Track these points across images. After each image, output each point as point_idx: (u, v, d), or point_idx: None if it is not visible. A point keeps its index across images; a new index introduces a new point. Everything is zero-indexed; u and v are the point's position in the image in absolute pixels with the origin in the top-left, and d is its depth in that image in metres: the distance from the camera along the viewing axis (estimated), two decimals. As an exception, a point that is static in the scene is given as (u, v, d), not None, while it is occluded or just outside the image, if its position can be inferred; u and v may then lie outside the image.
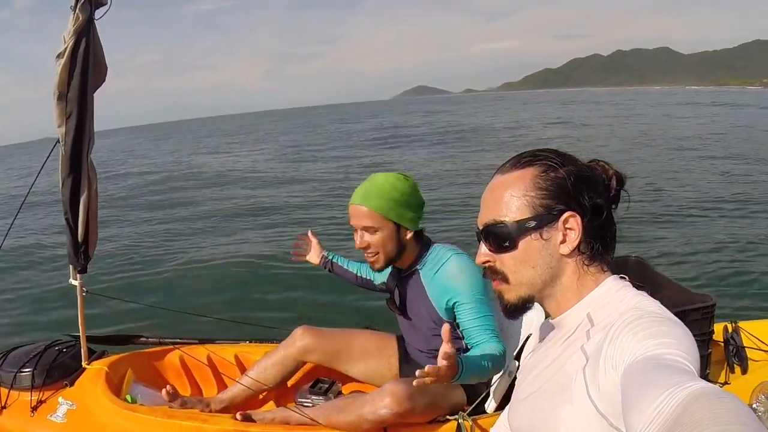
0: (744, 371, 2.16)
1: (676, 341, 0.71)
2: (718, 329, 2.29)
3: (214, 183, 12.98)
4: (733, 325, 2.30)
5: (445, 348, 1.30)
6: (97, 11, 1.90)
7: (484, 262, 0.96)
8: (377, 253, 1.87)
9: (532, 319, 2.03)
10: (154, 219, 9.12)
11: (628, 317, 0.78)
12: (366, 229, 1.85)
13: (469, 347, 1.83)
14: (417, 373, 1.30)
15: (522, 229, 0.89)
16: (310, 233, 2.42)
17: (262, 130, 39.54)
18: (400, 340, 2.21)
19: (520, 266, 0.91)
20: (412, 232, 1.90)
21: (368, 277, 2.31)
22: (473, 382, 1.80)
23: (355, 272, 2.34)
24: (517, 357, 2.04)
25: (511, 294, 0.94)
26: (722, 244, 5.65)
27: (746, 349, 2.20)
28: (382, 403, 1.77)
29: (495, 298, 1.03)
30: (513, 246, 0.90)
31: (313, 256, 2.39)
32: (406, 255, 1.93)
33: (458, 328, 1.90)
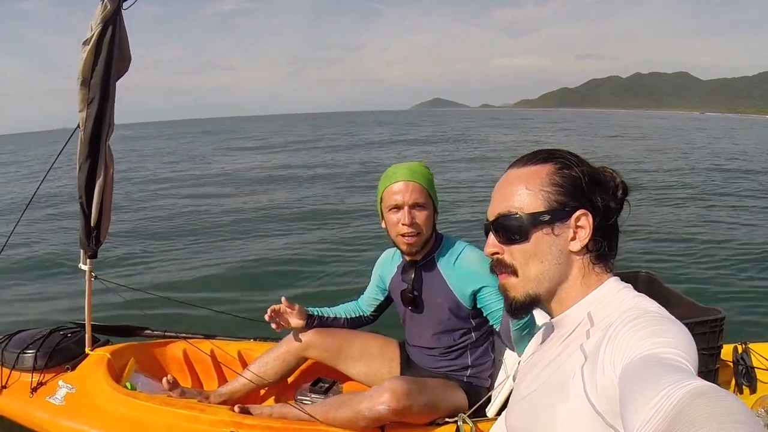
0: (752, 392, 2.11)
1: (674, 340, 0.71)
2: (729, 349, 2.26)
3: (229, 182, 13.12)
4: (744, 345, 2.27)
5: None
6: (125, 2, 1.97)
7: (493, 254, 0.96)
8: (419, 233, 1.88)
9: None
10: (168, 213, 9.19)
11: (627, 316, 0.79)
12: (416, 206, 1.86)
13: (496, 328, 1.91)
14: None
15: (536, 222, 0.90)
16: (284, 301, 2.14)
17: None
18: (402, 346, 2.20)
19: (530, 259, 0.91)
20: (437, 218, 1.96)
21: (357, 315, 2.28)
22: (522, 342, 1.75)
23: (343, 317, 2.26)
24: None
25: (518, 290, 0.94)
26: (734, 261, 5.59)
27: (756, 370, 2.16)
28: (380, 399, 1.75)
29: None
30: (525, 238, 0.91)
31: (297, 322, 2.15)
32: (428, 243, 1.95)
33: (475, 318, 1.97)
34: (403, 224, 1.86)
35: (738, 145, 23.29)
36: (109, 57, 1.98)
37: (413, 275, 2.01)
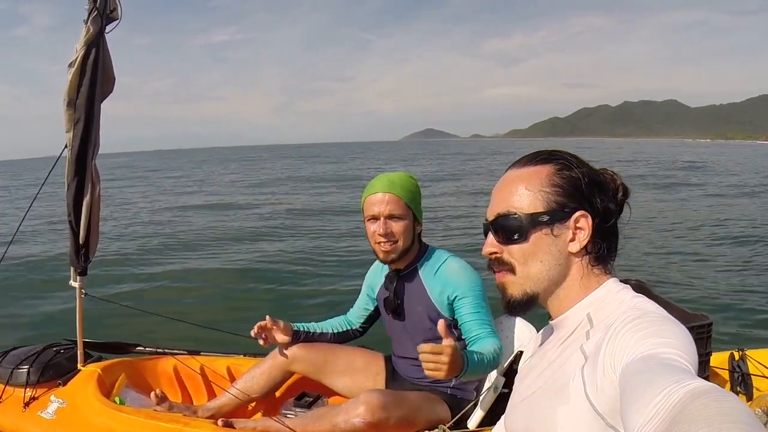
0: (749, 399, 2.04)
1: (674, 341, 0.71)
2: (725, 356, 2.20)
3: (217, 204, 13.79)
4: (741, 352, 2.21)
5: (446, 342, 1.37)
6: (108, 26, 2.03)
7: (491, 253, 0.96)
8: (396, 242, 1.90)
9: (522, 332, 2.00)
10: (159, 232, 9.51)
11: (627, 317, 0.78)
12: (391, 216, 1.89)
13: (466, 343, 1.87)
14: (417, 348, 1.41)
15: (535, 222, 0.90)
16: (269, 319, 2.12)
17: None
18: (388, 360, 2.20)
19: (529, 259, 0.91)
20: (420, 229, 1.98)
21: (344, 329, 2.28)
22: (473, 378, 1.78)
23: (330, 331, 2.26)
24: (505, 374, 1.99)
25: (516, 288, 0.94)
26: (732, 269, 5.52)
27: (752, 377, 2.10)
28: (356, 411, 1.75)
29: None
30: (524, 238, 0.91)
31: (282, 338, 2.14)
32: (410, 252, 1.97)
33: (456, 326, 1.94)
34: (378, 234, 1.89)
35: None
36: (93, 78, 2.04)
37: (396, 284, 2.03)
